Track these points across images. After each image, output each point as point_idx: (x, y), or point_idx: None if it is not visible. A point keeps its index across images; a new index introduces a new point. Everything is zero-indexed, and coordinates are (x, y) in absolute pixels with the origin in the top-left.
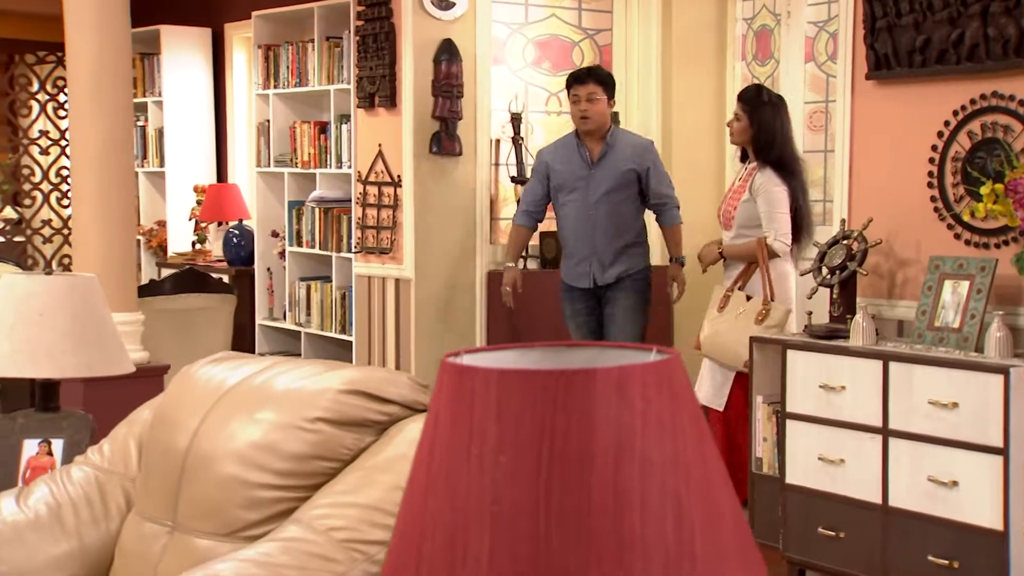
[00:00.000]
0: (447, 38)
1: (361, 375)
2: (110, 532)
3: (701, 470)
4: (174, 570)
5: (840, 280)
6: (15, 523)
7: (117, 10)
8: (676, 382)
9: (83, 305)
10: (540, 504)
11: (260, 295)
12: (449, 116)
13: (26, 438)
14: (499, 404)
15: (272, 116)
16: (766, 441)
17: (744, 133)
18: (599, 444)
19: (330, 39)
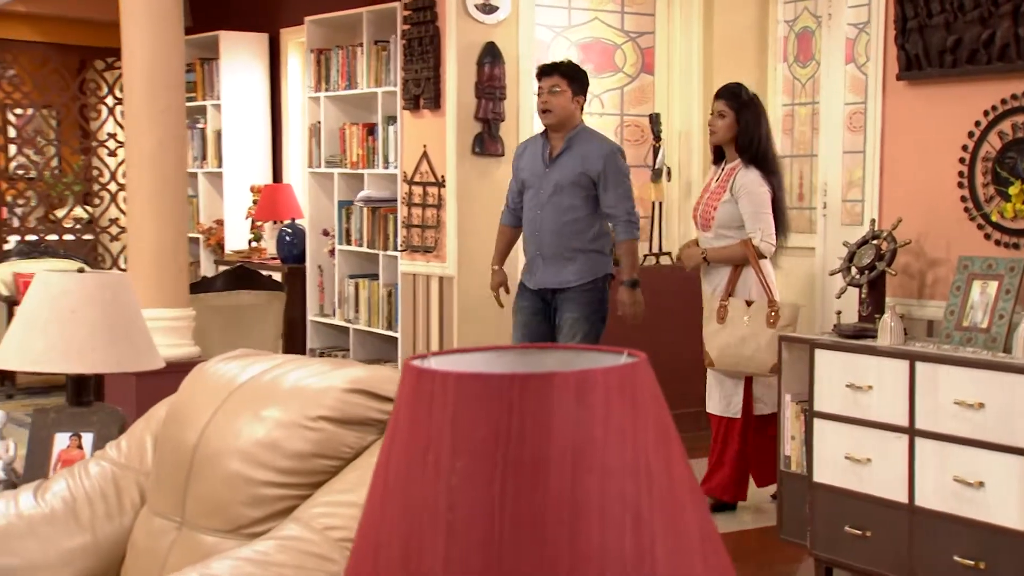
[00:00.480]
0: (490, 41)
1: (365, 374)
2: (124, 527)
3: (664, 478)
4: (180, 566)
5: (869, 280)
6: (31, 517)
7: (170, 17)
8: (640, 387)
9: (114, 303)
10: (494, 512)
11: (311, 292)
12: (492, 117)
13: (57, 431)
14: (455, 408)
15: (323, 118)
16: (794, 439)
17: (729, 131)
18: (555, 451)
19: (378, 43)
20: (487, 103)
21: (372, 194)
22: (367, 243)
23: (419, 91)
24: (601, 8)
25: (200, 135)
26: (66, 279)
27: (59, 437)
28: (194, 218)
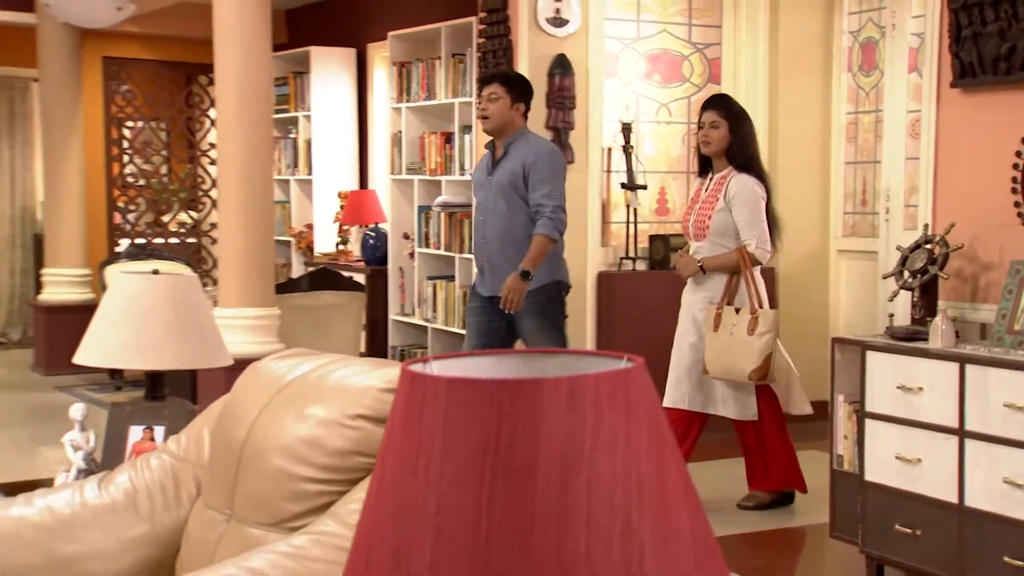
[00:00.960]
0: (560, 53)
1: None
2: (180, 518)
3: (656, 484)
4: (228, 557)
5: (921, 284)
6: (95, 506)
7: (259, 35)
8: (634, 393)
9: (184, 303)
10: (482, 518)
11: (393, 292)
12: (562, 126)
13: (132, 424)
14: (446, 413)
15: (404, 127)
16: (846, 439)
17: (723, 141)
18: (544, 457)
19: (455, 56)
20: (557, 112)
21: (449, 199)
22: (444, 246)
23: None
24: (669, 21)
25: (292, 144)
26: (141, 281)
27: (133, 430)
28: (286, 222)
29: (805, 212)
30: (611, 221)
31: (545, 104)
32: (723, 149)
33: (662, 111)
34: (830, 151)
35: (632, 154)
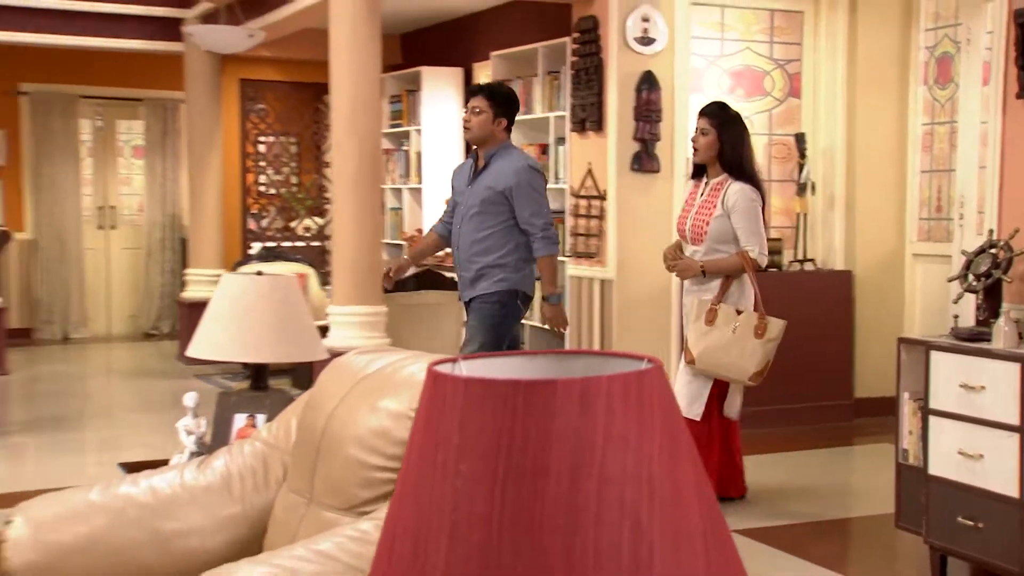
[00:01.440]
0: (648, 70)
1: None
2: (268, 500)
3: (668, 486)
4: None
5: (985, 287)
6: (193, 487)
7: (369, 57)
8: (648, 394)
9: (283, 302)
10: (493, 516)
11: None
12: (648, 138)
13: (237, 412)
14: (463, 412)
15: None
16: (911, 435)
17: (711, 148)
18: (555, 458)
19: (551, 73)
20: (644, 125)
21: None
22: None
23: (585, 115)
24: (752, 39)
25: (404, 156)
26: (244, 281)
27: (238, 417)
28: (399, 227)
29: (882, 218)
30: None
31: (633, 117)
32: (713, 155)
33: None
34: (906, 160)
35: None
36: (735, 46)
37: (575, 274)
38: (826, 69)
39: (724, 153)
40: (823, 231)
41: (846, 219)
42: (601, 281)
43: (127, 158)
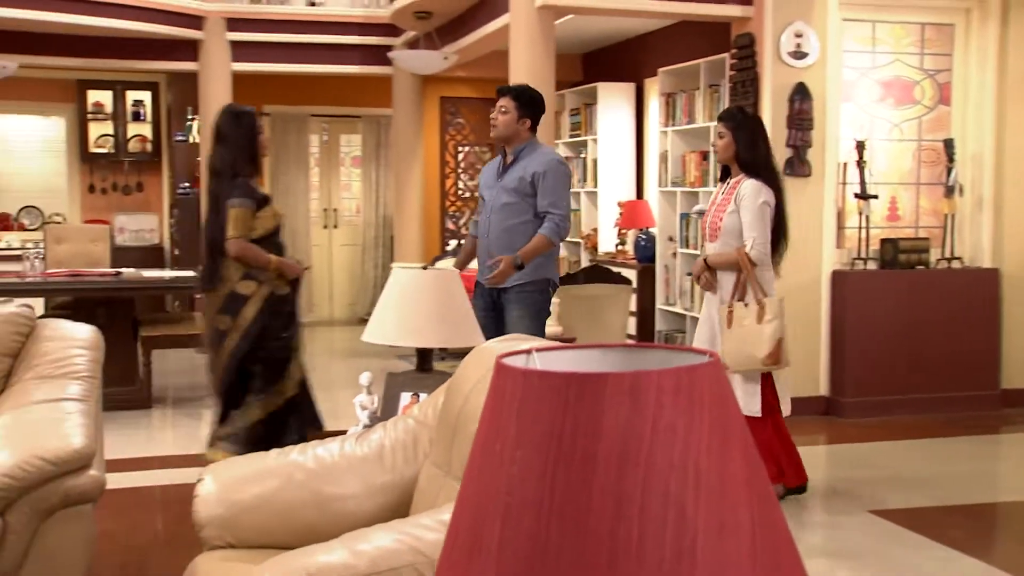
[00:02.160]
0: (800, 82)
1: None
2: (415, 472)
3: (715, 478)
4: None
5: None
6: (351, 456)
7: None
8: (699, 388)
9: (445, 292)
10: (544, 503)
11: (659, 286)
12: (800, 144)
13: (403, 391)
14: (521, 403)
15: (669, 147)
16: None
17: (728, 150)
18: (604, 448)
19: (711, 86)
20: (796, 132)
21: (703, 207)
22: (700, 247)
23: None
24: (903, 51)
25: (582, 163)
26: (411, 274)
27: (403, 395)
28: (576, 227)
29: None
30: (845, 226)
31: (786, 125)
32: (731, 156)
33: (894, 130)
34: None
35: (865, 168)
36: (886, 58)
37: None
38: (976, 78)
39: (739, 153)
40: (971, 231)
41: (994, 219)
42: None
43: (347, 167)
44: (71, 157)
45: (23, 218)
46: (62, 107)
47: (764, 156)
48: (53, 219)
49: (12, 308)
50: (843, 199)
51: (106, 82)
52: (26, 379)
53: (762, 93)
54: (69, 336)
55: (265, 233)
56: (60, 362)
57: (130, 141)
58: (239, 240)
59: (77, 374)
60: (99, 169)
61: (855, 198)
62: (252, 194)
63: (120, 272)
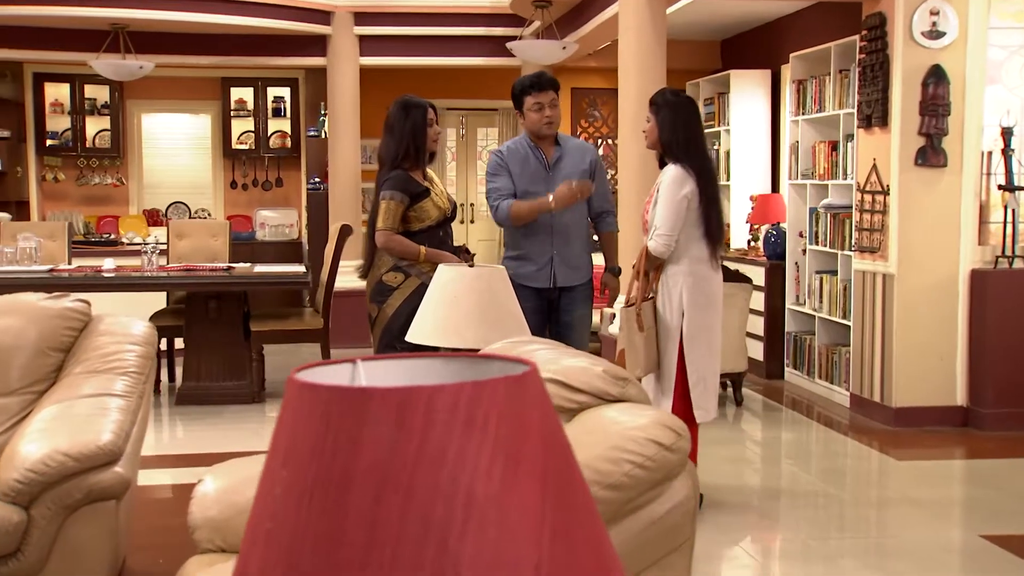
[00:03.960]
0: (936, 64)
1: (561, 366)
2: None
3: (493, 510)
4: None
5: None
6: None
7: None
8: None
9: (488, 291)
10: (299, 526)
11: (789, 284)
12: (934, 132)
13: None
14: (293, 417)
15: (800, 138)
16: None
17: (652, 133)
18: (362, 470)
19: (842, 71)
20: (930, 120)
21: (833, 201)
22: (829, 244)
23: (871, 111)
24: None
25: (715, 155)
26: (453, 272)
27: None
28: None
29: None
30: (989, 221)
31: (918, 112)
32: (655, 141)
33: None
34: None
35: (1013, 157)
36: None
37: (860, 268)
38: None
39: (661, 136)
40: None
41: None
42: (883, 276)
43: (484, 161)
44: (215, 153)
45: (172, 214)
46: (208, 104)
47: (685, 139)
48: (199, 215)
49: (65, 303)
50: (986, 191)
51: (248, 79)
52: (75, 373)
53: (892, 78)
54: (122, 332)
55: (426, 226)
56: (109, 357)
57: (271, 137)
58: (386, 232)
59: (125, 370)
60: (240, 165)
61: (1000, 190)
62: (406, 187)
63: (232, 267)
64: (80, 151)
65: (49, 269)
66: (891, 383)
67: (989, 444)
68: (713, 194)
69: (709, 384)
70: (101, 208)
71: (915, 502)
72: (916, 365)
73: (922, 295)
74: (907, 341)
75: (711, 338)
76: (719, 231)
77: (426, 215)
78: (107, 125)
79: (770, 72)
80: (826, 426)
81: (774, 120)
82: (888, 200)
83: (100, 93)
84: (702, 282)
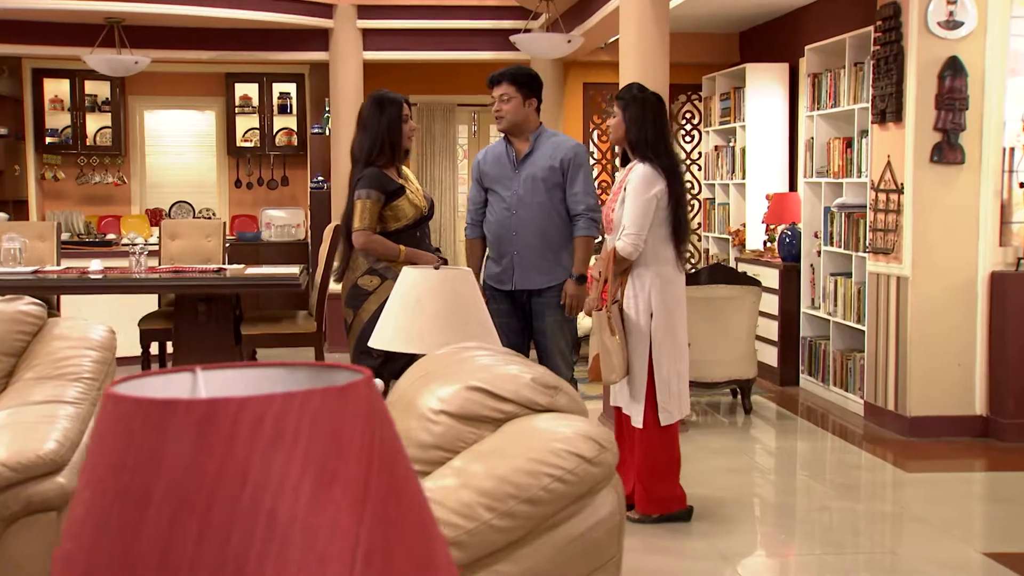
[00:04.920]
0: (953, 55)
1: (491, 374)
2: None
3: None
4: None
5: None
6: None
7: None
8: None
9: (453, 294)
10: (95, 550)
11: (804, 287)
12: (951, 127)
13: None
14: (100, 430)
15: (815, 134)
16: None
17: (618, 129)
18: (160, 488)
19: (856, 64)
20: (946, 114)
21: (847, 201)
22: (844, 245)
23: (884, 105)
24: None
25: (731, 152)
26: (416, 274)
27: None
28: (726, 222)
29: None
30: (1010, 221)
31: (933, 106)
32: (621, 137)
33: None
34: None
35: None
36: None
37: (873, 270)
38: None
39: (628, 134)
40: None
41: None
42: (897, 278)
43: None
44: (219, 151)
45: (176, 213)
46: (212, 101)
47: (654, 137)
48: (203, 214)
49: (19, 306)
50: (1008, 189)
51: (253, 75)
52: (26, 379)
53: (907, 70)
54: (78, 336)
55: (402, 225)
56: (63, 362)
57: (276, 135)
58: (364, 232)
59: (79, 376)
60: (245, 163)
61: (1022, 188)
62: (381, 184)
63: (222, 268)
64: (80, 149)
65: (34, 270)
66: (906, 391)
67: (1009, 456)
68: (681, 194)
69: (673, 387)
70: (102, 208)
71: (919, 518)
72: (932, 372)
73: (938, 299)
74: (923, 347)
75: (676, 339)
76: (686, 232)
77: (402, 214)
78: (108, 122)
79: (788, 65)
80: (838, 436)
81: (792, 115)
82: (902, 199)
83: (101, 89)
84: (669, 284)
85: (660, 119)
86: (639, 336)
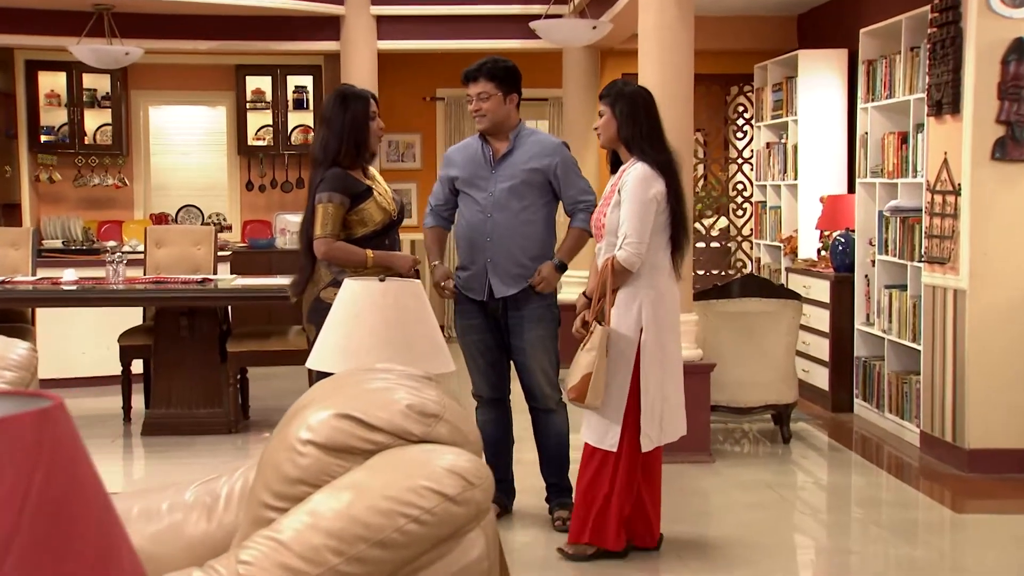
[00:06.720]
0: (1018, 37)
1: (364, 400)
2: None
3: None
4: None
5: None
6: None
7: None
8: None
9: (394, 307)
10: None
11: (859, 301)
12: (1015, 120)
13: None
14: None
15: (869, 128)
16: None
17: (608, 128)
18: None
19: (912, 49)
20: (1011, 104)
21: (901, 204)
22: (899, 253)
23: (940, 95)
24: None
25: (782, 149)
26: (356, 286)
27: None
28: (777, 228)
29: None
30: None
31: (996, 95)
32: (612, 136)
33: None
34: None
35: None
36: None
37: (929, 282)
38: None
39: (620, 131)
40: None
41: None
42: (953, 291)
43: None
44: (230, 151)
45: (183, 219)
46: (222, 96)
47: (648, 131)
48: (212, 220)
49: None
50: None
51: (266, 67)
52: None
53: (965, 55)
54: None
55: (369, 231)
56: None
57: (292, 132)
58: (326, 239)
59: None
60: (258, 164)
61: None
62: (345, 186)
63: (207, 279)
64: (78, 148)
65: (1, 281)
66: (964, 421)
67: None
68: (680, 189)
69: (656, 410)
70: (103, 212)
71: (963, 568)
72: (993, 400)
73: (999, 315)
74: (982, 370)
75: (666, 358)
76: (687, 235)
77: (369, 218)
78: (109, 119)
79: (846, 52)
80: (884, 470)
81: (851, 107)
82: (959, 201)
83: (101, 83)
84: (663, 296)
85: (652, 110)
86: (624, 354)
